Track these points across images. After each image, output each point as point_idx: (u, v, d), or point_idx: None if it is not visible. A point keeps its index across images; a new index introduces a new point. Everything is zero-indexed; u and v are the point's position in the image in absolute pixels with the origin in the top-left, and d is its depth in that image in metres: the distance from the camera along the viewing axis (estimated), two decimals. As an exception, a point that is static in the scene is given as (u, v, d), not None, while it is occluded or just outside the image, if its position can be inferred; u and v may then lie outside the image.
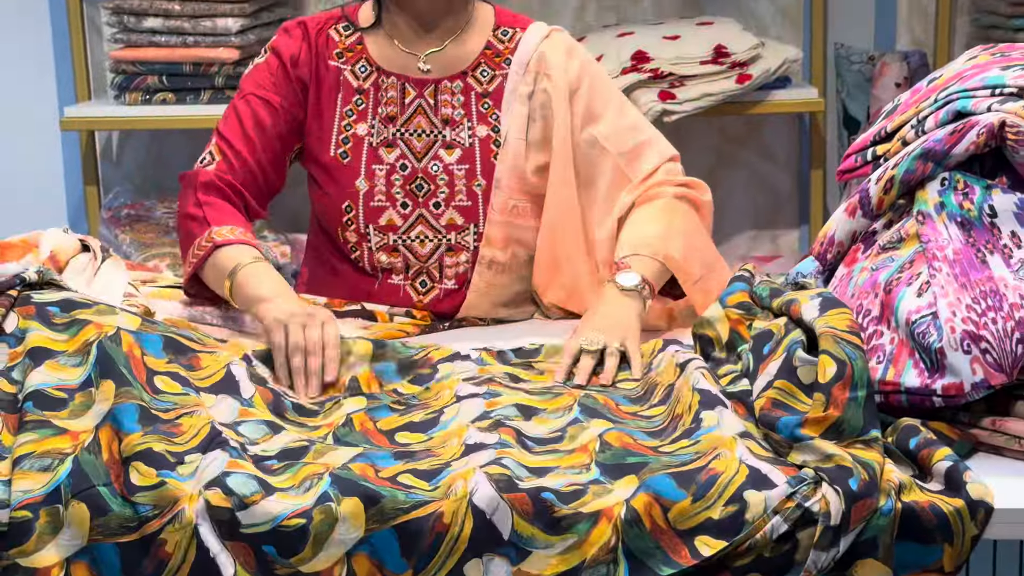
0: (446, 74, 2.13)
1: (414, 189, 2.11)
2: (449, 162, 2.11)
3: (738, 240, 3.41)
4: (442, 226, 2.11)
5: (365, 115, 2.13)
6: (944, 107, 1.65)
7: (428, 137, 2.12)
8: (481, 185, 2.10)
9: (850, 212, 1.72)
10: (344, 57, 2.14)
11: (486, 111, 2.12)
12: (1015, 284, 1.48)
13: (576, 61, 2.14)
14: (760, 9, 3.29)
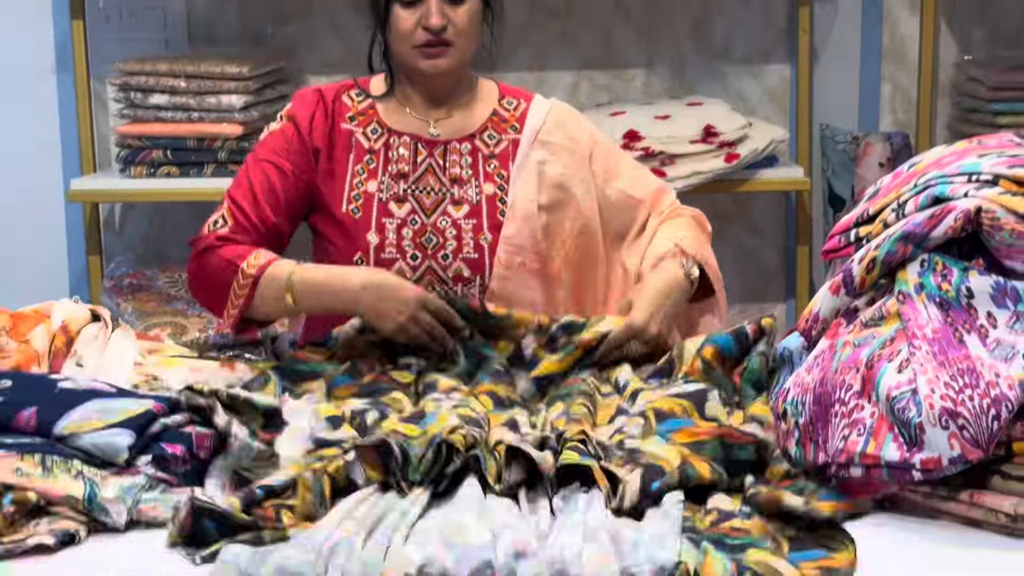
0: (454, 137, 2.25)
1: (423, 242, 2.20)
2: (457, 217, 2.21)
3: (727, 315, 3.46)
4: (450, 277, 2.19)
5: (376, 173, 2.23)
6: (923, 192, 1.72)
7: (437, 195, 2.22)
8: (487, 239, 2.19)
9: (834, 290, 1.78)
10: (356, 120, 2.25)
11: (492, 171, 2.24)
12: (991, 363, 1.54)
13: (583, 127, 2.32)
14: (748, 90, 3.37)
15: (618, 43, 3.36)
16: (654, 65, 3.37)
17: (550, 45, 3.36)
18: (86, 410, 1.67)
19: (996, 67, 3.09)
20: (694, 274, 2.19)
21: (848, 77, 3.36)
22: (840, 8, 3.33)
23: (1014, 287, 1.58)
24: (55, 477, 1.57)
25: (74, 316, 2.08)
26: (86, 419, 1.65)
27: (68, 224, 3.42)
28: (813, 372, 1.68)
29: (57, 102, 3.37)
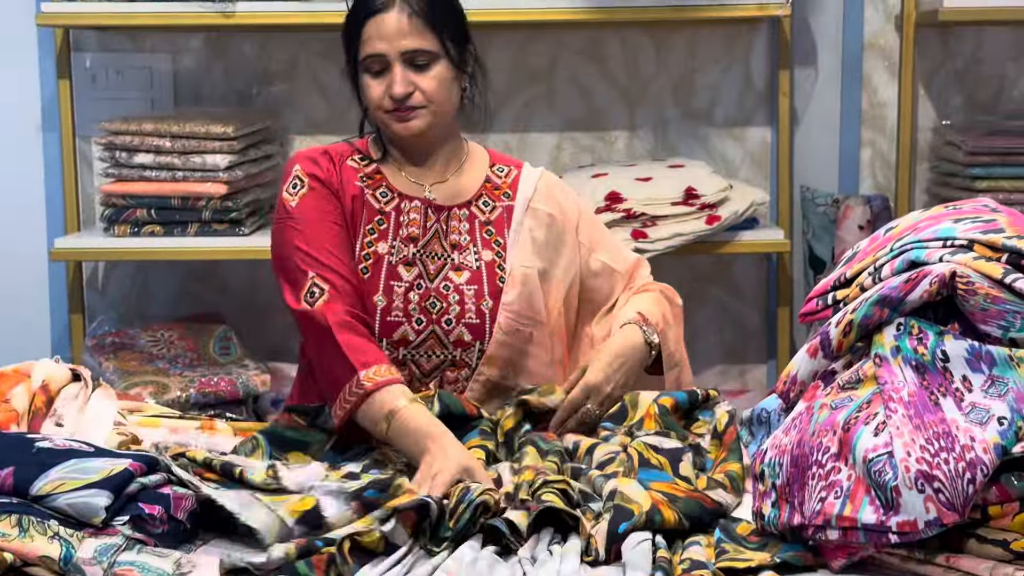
0: (453, 203, 2.28)
1: (428, 307, 2.22)
2: (459, 283, 2.23)
3: (707, 374, 3.47)
4: (451, 342, 2.21)
5: (386, 235, 2.24)
6: (899, 256, 1.74)
7: (440, 260, 2.24)
8: (488, 305, 2.22)
9: (812, 353, 1.79)
10: (366, 182, 2.27)
11: (489, 237, 2.27)
12: (966, 427, 1.55)
13: (571, 198, 2.36)
14: (730, 153, 3.40)
15: (601, 105, 3.39)
16: (636, 127, 3.40)
17: (533, 107, 3.39)
18: (63, 470, 1.67)
19: (973, 132, 3.13)
20: (654, 340, 2.21)
21: (828, 141, 3.39)
22: (820, 73, 3.37)
23: (988, 351, 1.60)
24: (31, 538, 1.57)
25: (54, 376, 2.09)
26: (63, 479, 1.65)
27: (51, 282, 3.42)
28: (791, 434, 1.69)
29: (43, 160, 3.38)
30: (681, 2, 2.96)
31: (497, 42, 3.35)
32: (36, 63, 3.36)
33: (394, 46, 2.19)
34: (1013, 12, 3.08)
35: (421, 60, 2.19)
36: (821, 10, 3.34)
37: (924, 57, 3.33)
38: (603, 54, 3.37)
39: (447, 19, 2.24)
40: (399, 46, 2.19)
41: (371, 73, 2.21)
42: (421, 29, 2.19)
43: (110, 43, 3.36)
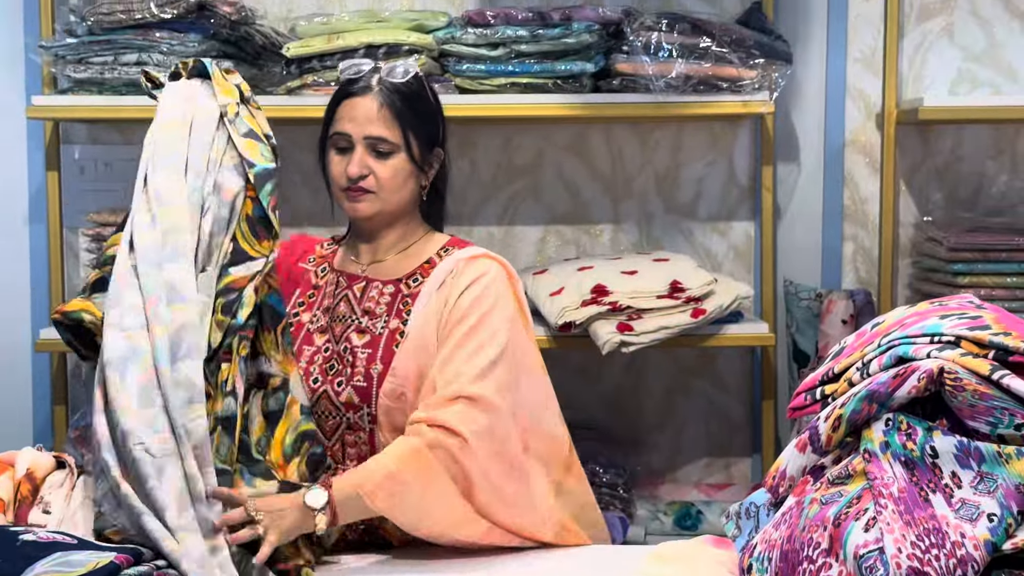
0: (380, 277, 2.37)
1: (327, 368, 2.30)
2: (357, 344, 2.31)
3: (692, 468, 3.47)
4: (341, 403, 2.27)
5: (312, 306, 2.39)
6: (887, 352, 1.76)
7: (345, 322, 2.34)
8: (377, 369, 2.28)
9: (801, 448, 1.80)
10: (314, 263, 2.45)
11: (403, 308, 2.33)
12: (956, 523, 1.56)
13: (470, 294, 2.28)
14: (713, 247, 3.43)
15: (586, 199, 3.42)
16: (621, 221, 3.42)
17: (519, 200, 3.42)
18: (48, 564, 1.66)
19: (955, 228, 3.16)
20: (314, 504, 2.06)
21: (811, 235, 3.41)
22: (803, 169, 3.41)
23: (977, 447, 1.61)
24: (17, 633, 1.55)
25: (39, 464, 2.09)
26: (48, 572, 1.64)
27: (35, 373, 3.41)
28: (780, 529, 1.69)
29: (29, 251, 3.38)
30: (666, 99, 2.99)
31: (484, 136, 3.39)
32: (25, 155, 3.37)
33: (360, 129, 2.34)
34: (991, 111, 3.13)
35: (382, 148, 2.34)
36: (803, 108, 3.39)
37: (905, 154, 3.38)
38: (588, 149, 3.41)
39: (418, 119, 2.38)
40: (364, 130, 2.34)
41: (336, 149, 2.37)
42: (388, 120, 2.34)
43: (99, 136, 3.38)
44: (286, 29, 3.22)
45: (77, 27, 3.04)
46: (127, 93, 3.02)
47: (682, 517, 3.18)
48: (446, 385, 2.20)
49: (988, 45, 3.37)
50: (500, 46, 3.03)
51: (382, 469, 2.12)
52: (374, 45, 2.98)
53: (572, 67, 3.01)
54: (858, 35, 3.37)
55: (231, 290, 2.07)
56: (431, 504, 2.14)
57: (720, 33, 2.99)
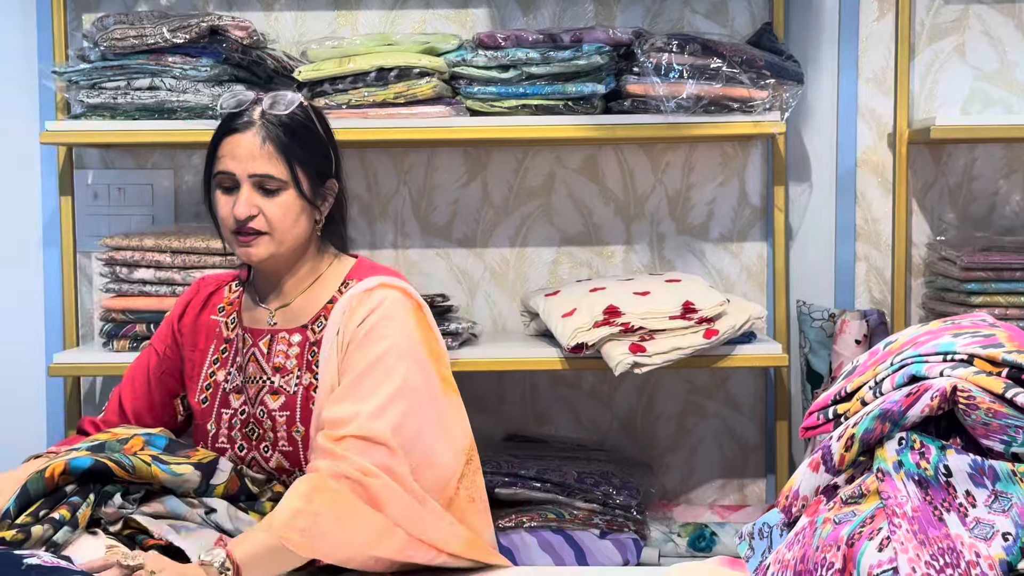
0: (287, 326, 2.27)
1: (248, 432, 2.25)
2: (273, 408, 2.24)
3: (706, 489, 3.46)
4: (272, 468, 2.24)
5: (226, 363, 2.30)
6: (900, 370, 1.75)
7: (258, 383, 2.25)
8: (300, 432, 2.22)
9: (814, 467, 1.79)
10: (224, 311, 2.35)
11: (312, 358, 2.24)
12: (970, 542, 1.55)
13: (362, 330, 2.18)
14: (725, 267, 3.42)
15: (598, 221, 3.42)
16: (633, 242, 3.42)
17: (532, 222, 3.42)
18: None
19: (968, 248, 3.15)
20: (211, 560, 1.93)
21: (824, 256, 3.41)
22: (815, 189, 3.40)
23: (991, 466, 1.60)
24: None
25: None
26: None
27: (49, 397, 3.41)
28: (794, 549, 1.68)
29: (43, 276, 3.40)
30: (677, 120, 3.00)
31: (497, 158, 3.39)
32: (39, 180, 3.39)
33: (244, 167, 2.21)
34: (1003, 130, 3.13)
35: (270, 186, 2.22)
36: (815, 128, 3.39)
37: (917, 173, 3.37)
38: (600, 170, 3.41)
39: (304, 152, 2.25)
40: (248, 168, 2.21)
41: (222, 189, 2.24)
42: (273, 155, 2.21)
43: (112, 160, 3.40)
44: (298, 53, 3.23)
45: (90, 52, 3.05)
46: (140, 118, 3.03)
47: (696, 539, 3.17)
48: (341, 425, 2.10)
49: (1000, 64, 3.37)
50: (511, 68, 3.04)
51: (288, 509, 1.99)
52: (385, 68, 3.00)
53: (583, 89, 3.02)
54: (869, 55, 3.37)
55: None
56: (346, 526, 2.01)
57: (731, 54, 3.00)
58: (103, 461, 1.97)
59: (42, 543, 1.88)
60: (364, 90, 3.01)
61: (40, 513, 1.93)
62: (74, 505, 1.94)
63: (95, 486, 1.97)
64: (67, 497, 1.96)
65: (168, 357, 2.38)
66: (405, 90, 3.00)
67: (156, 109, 3.03)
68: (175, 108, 3.02)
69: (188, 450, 2.13)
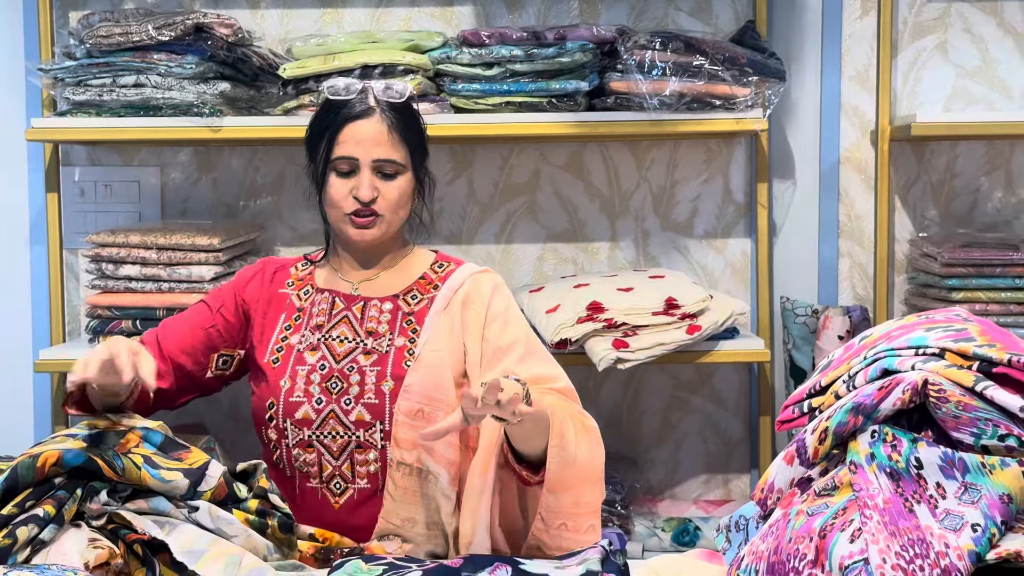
0: (377, 295, 2.39)
1: (329, 387, 2.31)
2: (364, 364, 2.31)
3: (691, 484, 3.48)
4: (351, 422, 2.27)
5: (300, 328, 2.39)
6: (872, 364, 1.77)
7: (350, 344, 2.34)
8: (389, 385, 2.29)
9: (788, 460, 1.81)
10: (294, 286, 2.44)
11: (407, 326, 2.34)
12: (940, 533, 1.57)
13: (500, 299, 2.36)
14: (710, 264, 3.44)
15: (583, 217, 3.44)
16: (618, 239, 3.44)
17: (517, 218, 3.44)
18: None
19: (949, 244, 3.17)
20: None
21: (807, 252, 3.43)
22: (798, 186, 3.42)
23: (961, 458, 1.62)
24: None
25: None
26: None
27: (36, 393, 3.43)
28: (767, 540, 1.70)
29: (29, 272, 3.41)
30: (660, 117, 3.01)
31: (482, 155, 3.41)
32: (26, 177, 3.40)
33: (368, 152, 2.34)
34: (982, 127, 3.15)
35: (389, 170, 2.35)
36: (799, 125, 3.41)
37: (900, 171, 3.39)
38: (585, 168, 3.43)
39: (416, 135, 2.40)
40: (372, 153, 2.34)
41: (339, 173, 2.36)
42: (395, 142, 2.35)
43: (99, 157, 3.41)
44: (283, 50, 3.25)
45: (76, 50, 3.07)
46: (125, 115, 3.04)
47: (680, 533, 3.19)
48: (551, 380, 2.29)
49: (982, 62, 3.39)
50: (495, 65, 3.05)
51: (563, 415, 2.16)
52: (370, 65, 3.01)
53: (567, 86, 3.04)
54: (852, 53, 3.39)
55: None
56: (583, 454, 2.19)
57: (713, 51, 3.02)
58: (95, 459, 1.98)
59: (28, 543, 1.89)
60: (349, 87, 3.03)
61: (27, 504, 1.94)
62: (60, 500, 1.95)
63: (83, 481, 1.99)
64: (55, 490, 1.97)
65: (222, 316, 2.44)
66: (390, 87, 3.02)
67: (142, 106, 3.04)
68: (161, 105, 3.03)
69: (182, 451, 2.13)
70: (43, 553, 1.91)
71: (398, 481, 2.25)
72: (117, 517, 1.98)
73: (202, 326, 2.44)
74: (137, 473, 2.00)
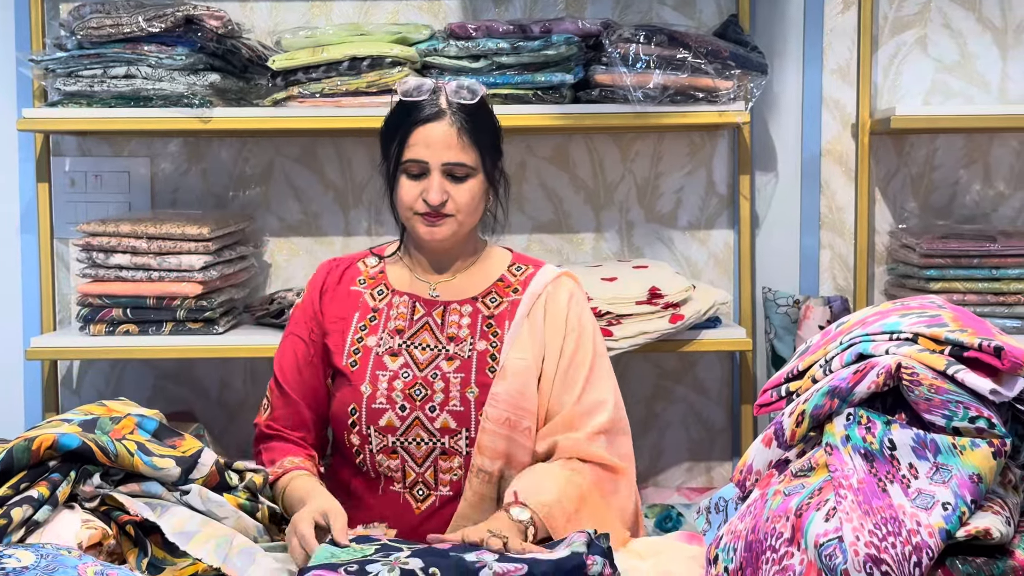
0: (456, 298, 2.37)
1: (412, 393, 2.29)
2: (448, 371, 2.30)
3: (674, 472, 3.52)
4: (436, 429, 2.27)
5: (376, 329, 2.36)
6: (848, 349, 1.81)
7: (432, 351, 2.33)
8: (474, 392, 2.28)
9: (766, 443, 1.85)
10: (366, 283, 2.42)
11: (488, 330, 2.34)
12: (912, 512, 1.61)
13: (577, 310, 2.39)
14: (693, 255, 3.49)
15: (568, 209, 3.48)
16: (603, 230, 3.48)
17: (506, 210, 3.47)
18: None
19: (928, 236, 3.22)
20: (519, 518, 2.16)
21: (789, 243, 3.47)
22: (780, 178, 3.47)
23: (933, 440, 1.66)
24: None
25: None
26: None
27: (26, 381, 3.46)
28: (745, 520, 1.75)
29: (20, 261, 3.44)
30: (645, 109, 3.06)
31: (467, 147, 3.44)
32: (16, 167, 3.43)
33: (438, 156, 2.31)
34: (961, 120, 3.20)
35: (459, 173, 2.33)
36: (781, 118, 3.46)
37: (880, 164, 3.44)
38: (571, 159, 3.47)
39: (488, 136, 2.37)
40: (442, 157, 2.31)
41: (409, 175, 2.34)
42: (465, 145, 2.32)
43: (89, 148, 3.44)
44: (272, 42, 3.28)
45: (67, 41, 3.10)
46: (116, 105, 3.07)
47: (663, 519, 3.24)
48: (587, 415, 2.32)
49: (961, 57, 3.44)
50: (481, 58, 3.09)
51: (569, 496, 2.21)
52: (358, 57, 3.05)
53: (552, 78, 3.08)
54: (833, 47, 3.43)
55: None
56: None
57: (696, 45, 3.06)
58: (89, 444, 2.01)
59: (23, 524, 1.93)
60: (337, 79, 3.07)
61: (21, 486, 1.97)
62: (54, 482, 1.99)
63: (77, 465, 2.02)
64: (48, 472, 2.00)
65: (315, 341, 2.41)
66: (378, 79, 3.06)
67: (132, 97, 3.07)
68: (151, 96, 3.06)
69: (176, 438, 2.16)
70: (37, 533, 1.94)
71: (476, 488, 2.28)
72: (110, 499, 2.02)
73: (309, 363, 2.40)
74: (130, 459, 2.04)
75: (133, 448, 2.06)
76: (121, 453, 2.03)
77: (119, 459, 2.03)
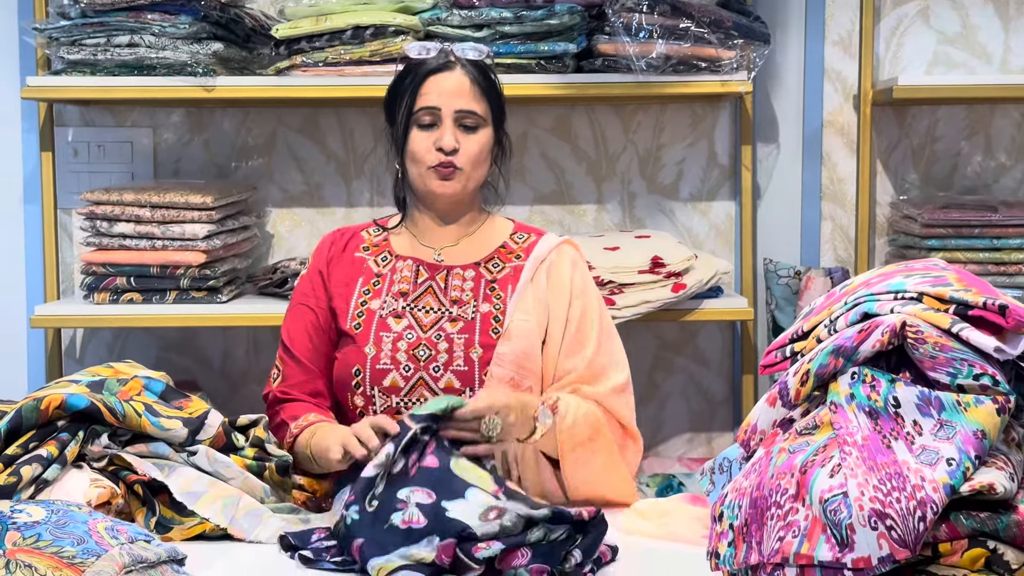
0: (459, 263, 2.40)
1: (417, 354, 2.32)
2: (451, 332, 2.33)
3: (675, 442, 3.54)
4: (440, 389, 2.29)
5: (380, 293, 2.39)
6: (853, 309, 1.82)
7: (436, 313, 2.35)
8: (478, 353, 2.31)
9: (771, 402, 1.86)
10: (370, 250, 2.45)
11: (491, 293, 2.37)
12: (916, 467, 1.62)
13: (580, 275, 2.42)
14: (695, 226, 3.49)
15: (570, 180, 3.49)
16: (605, 201, 3.49)
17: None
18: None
19: (929, 206, 3.23)
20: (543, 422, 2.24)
21: (790, 214, 3.48)
22: (782, 149, 3.48)
23: (937, 397, 1.67)
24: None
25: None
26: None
27: (30, 349, 3.47)
28: (750, 477, 1.76)
29: (24, 230, 3.45)
30: (648, 79, 3.06)
31: (469, 118, 3.45)
32: (20, 136, 3.43)
33: (450, 103, 2.36)
34: (963, 90, 3.21)
35: (470, 122, 2.37)
36: (782, 89, 3.46)
37: (882, 135, 3.45)
38: (572, 130, 3.48)
39: (496, 93, 2.43)
40: (455, 104, 2.36)
41: (420, 126, 2.37)
42: (477, 95, 2.37)
43: (92, 118, 3.44)
44: (275, 11, 3.28)
45: (70, 9, 3.10)
46: (119, 74, 3.08)
47: (664, 489, 3.25)
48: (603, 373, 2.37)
49: (963, 28, 3.44)
50: (485, 27, 3.10)
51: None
52: (361, 26, 3.05)
53: (555, 48, 3.08)
54: (836, 18, 3.44)
55: None
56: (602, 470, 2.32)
57: (699, 14, 3.06)
58: (97, 404, 2.02)
59: (32, 482, 1.94)
60: (340, 48, 3.07)
61: (30, 445, 1.99)
62: (63, 442, 2.00)
63: (85, 425, 2.03)
64: (57, 432, 2.02)
65: (322, 308, 2.43)
66: (381, 48, 3.06)
67: (135, 66, 3.07)
68: (154, 65, 3.07)
69: (183, 400, 2.18)
70: (46, 492, 1.96)
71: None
72: (118, 459, 2.03)
73: (319, 329, 2.42)
74: (137, 420, 2.05)
75: (140, 409, 2.07)
76: (129, 414, 2.04)
77: (127, 420, 2.04)
